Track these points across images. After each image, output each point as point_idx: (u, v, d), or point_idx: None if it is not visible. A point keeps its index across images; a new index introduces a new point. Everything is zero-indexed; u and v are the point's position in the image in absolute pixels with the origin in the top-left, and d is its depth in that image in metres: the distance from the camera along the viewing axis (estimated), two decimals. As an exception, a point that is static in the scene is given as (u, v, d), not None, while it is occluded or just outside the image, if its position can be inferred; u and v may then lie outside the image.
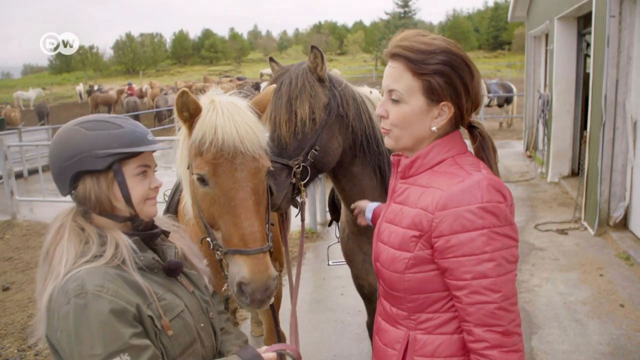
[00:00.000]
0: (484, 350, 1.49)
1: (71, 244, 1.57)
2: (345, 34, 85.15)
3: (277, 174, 2.39)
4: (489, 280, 1.46)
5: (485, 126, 3.89)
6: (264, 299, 1.93)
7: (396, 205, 1.71)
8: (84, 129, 1.63)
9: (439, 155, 1.64)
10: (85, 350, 1.42)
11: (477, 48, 65.23)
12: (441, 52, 1.58)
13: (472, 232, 1.46)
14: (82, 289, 1.46)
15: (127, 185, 1.65)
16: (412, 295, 1.62)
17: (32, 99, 38.86)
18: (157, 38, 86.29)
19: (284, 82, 2.52)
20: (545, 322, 4.65)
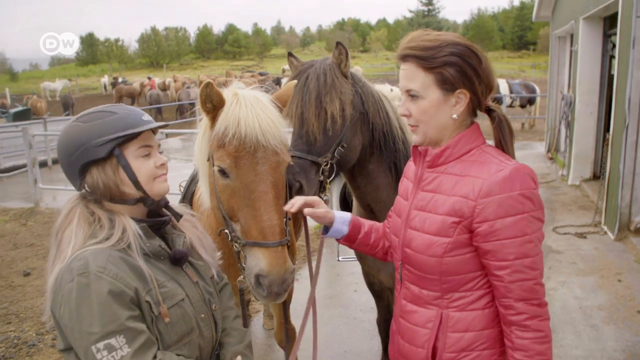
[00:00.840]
0: (525, 321, 1.65)
1: (80, 227, 1.63)
2: (368, 31, 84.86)
3: (307, 170, 2.38)
4: (529, 260, 1.62)
5: None
6: (280, 291, 1.95)
7: (426, 193, 1.80)
8: (81, 123, 1.69)
9: (467, 145, 1.77)
10: (84, 328, 1.48)
11: (501, 48, 64.40)
12: (447, 45, 1.70)
13: (514, 216, 1.61)
14: (85, 269, 1.51)
15: (132, 168, 1.69)
16: (448, 277, 1.74)
17: (59, 90, 39.53)
18: (181, 32, 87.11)
19: (310, 77, 2.50)
20: (559, 326, 4.59)
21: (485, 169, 1.68)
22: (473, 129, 1.80)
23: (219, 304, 1.94)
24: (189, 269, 1.83)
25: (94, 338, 1.47)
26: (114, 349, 1.48)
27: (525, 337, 1.67)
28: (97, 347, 1.47)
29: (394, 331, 2.02)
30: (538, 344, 1.66)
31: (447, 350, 1.77)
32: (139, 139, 1.71)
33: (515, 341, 1.68)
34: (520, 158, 9.47)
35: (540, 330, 1.67)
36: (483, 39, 60.98)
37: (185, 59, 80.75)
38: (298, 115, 2.46)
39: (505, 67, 50.67)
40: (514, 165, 1.66)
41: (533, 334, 1.66)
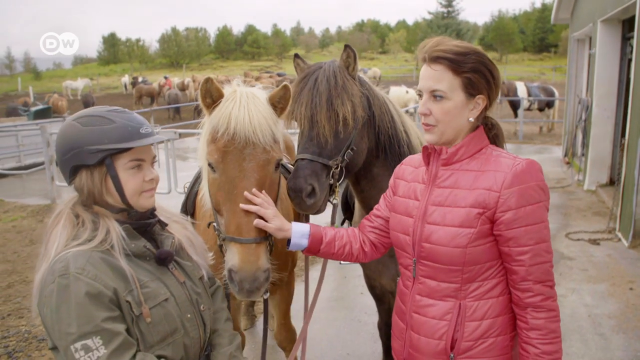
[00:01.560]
0: (541, 302, 1.81)
1: (65, 229, 1.67)
2: (387, 32, 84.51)
3: (319, 174, 2.37)
4: (546, 244, 1.81)
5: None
6: (252, 289, 1.95)
7: (443, 190, 1.92)
8: (79, 124, 1.71)
9: (478, 144, 1.93)
10: (63, 328, 1.52)
11: (522, 50, 63.66)
12: (473, 53, 1.87)
13: (533, 205, 1.78)
14: (66, 270, 1.55)
15: (120, 179, 1.71)
16: (469, 266, 1.86)
17: (80, 89, 40.16)
18: (201, 32, 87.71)
19: (320, 79, 2.49)
20: (567, 333, 4.53)
21: (503, 164, 1.84)
22: (480, 130, 1.96)
23: (208, 304, 1.95)
24: (176, 269, 1.85)
25: (71, 338, 1.51)
26: (90, 350, 1.51)
27: (540, 317, 1.81)
28: (75, 347, 1.51)
29: (402, 329, 2.05)
30: (551, 323, 1.82)
31: (465, 339, 1.88)
32: (132, 151, 1.73)
33: (530, 322, 1.82)
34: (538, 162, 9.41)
35: (552, 309, 1.83)
36: (503, 41, 60.33)
37: (204, 59, 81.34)
38: (308, 117, 2.44)
39: (526, 69, 50.16)
40: (528, 160, 1.84)
41: (546, 314, 1.81)
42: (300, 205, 2.34)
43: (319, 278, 2.79)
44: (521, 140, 16.70)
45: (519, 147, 15.59)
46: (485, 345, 1.88)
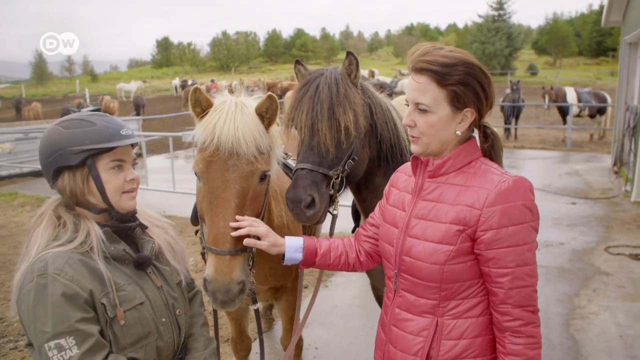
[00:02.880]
0: (520, 327, 1.73)
1: (46, 229, 1.72)
2: (437, 36, 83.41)
3: (319, 184, 2.32)
4: (529, 267, 1.72)
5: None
6: (225, 300, 1.94)
7: (427, 203, 1.85)
8: (62, 128, 1.77)
9: (467, 157, 1.84)
10: (38, 327, 1.56)
11: (577, 54, 61.40)
12: (462, 64, 1.75)
13: (516, 225, 1.69)
14: (44, 270, 1.60)
15: (102, 179, 1.76)
16: (447, 284, 1.78)
17: (133, 91, 41.53)
18: (251, 36, 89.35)
19: (321, 87, 2.44)
20: (594, 354, 4.32)
21: (489, 180, 1.75)
22: (472, 142, 1.88)
23: (185, 309, 1.97)
24: (154, 273, 1.88)
25: (45, 337, 1.55)
26: (64, 349, 1.55)
27: (518, 342, 1.73)
28: (49, 346, 1.55)
29: (383, 340, 2.01)
30: (530, 350, 1.73)
31: (440, 357, 1.81)
32: (112, 152, 1.78)
33: (508, 346, 1.75)
34: (585, 171, 9.06)
35: (532, 336, 1.74)
36: (557, 45, 58.38)
37: (253, 62, 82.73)
38: (308, 125, 2.40)
39: (580, 74, 48.39)
40: (515, 177, 1.75)
41: (525, 340, 1.73)
42: (299, 216, 2.30)
43: (314, 287, 2.77)
44: (569, 147, 16.11)
45: (566, 154, 15.06)
46: None
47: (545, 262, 6.44)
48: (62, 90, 57.63)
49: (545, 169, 12.88)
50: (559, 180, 11.37)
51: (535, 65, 54.38)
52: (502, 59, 52.45)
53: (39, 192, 11.20)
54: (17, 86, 62.76)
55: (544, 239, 7.27)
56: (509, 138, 18.13)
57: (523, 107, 18.81)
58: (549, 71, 52.33)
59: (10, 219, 9.47)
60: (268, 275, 2.73)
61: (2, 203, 10.53)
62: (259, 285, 2.82)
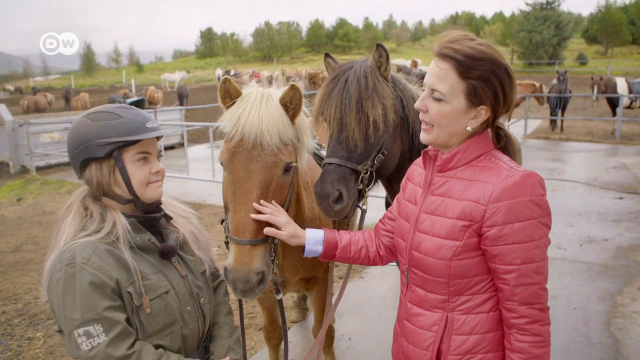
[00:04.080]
0: (525, 325, 1.70)
1: (74, 220, 1.79)
2: (482, 25, 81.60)
3: (347, 179, 2.32)
4: (535, 265, 1.67)
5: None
6: (245, 289, 1.96)
7: (436, 197, 1.83)
8: (89, 120, 1.83)
9: (477, 150, 1.80)
10: (67, 314, 1.63)
11: (630, 43, 58.77)
12: (488, 60, 1.70)
13: (523, 222, 1.64)
14: (72, 260, 1.66)
15: (127, 171, 1.81)
16: (455, 280, 1.77)
17: (177, 81, 42.35)
18: (293, 26, 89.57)
19: (350, 80, 2.42)
20: (635, 354, 4.17)
21: (496, 175, 1.71)
22: (483, 136, 1.83)
23: (209, 298, 2.01)
24: (179, 263, 1.93)
25: (74, 324, 1.62)
26: (92, 336, 1.62)
27: (524, 340, 1.71)
28: (78, 332, 1.62)
29: (398, 333, 2.03)
30: (536, 348, 1.71)
31: (451, 352, 1.80)
32: (138, 144, 1.83)
33: (513, 343, 1.73)
34: (634, 165, 8.75)
35: (539, 334, 1.71)
36: (609, 33, 55.97)
37: (296, 52, 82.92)
38: (337, 119, 2.39)
39: (634, 64, 46.35)
40: (524, 172, 1.69)
41: (531, 338, 1.70)
42: (327, 211, 2.30)
43: (343, 279, 2.79)
44: (618, 140, 15.51)
45: (615, 147, 14.51)
46: None
47: (587, 258, 6.25)
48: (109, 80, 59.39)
49: (592, 162, 12.46)
50: (606, 174, 10.98)
51: (585, 54, 52.45)
52: (549, 49, 50.78)
53: (86, 179, 11.63)
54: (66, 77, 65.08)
55: (586, 235, 7.06)
56: (554, 130, 17.61)
57: (570, 98, 18.21)
58: (599, 61, 50.35)
59: (57, 205, 9.86)
60: (299, 266, 2.76)
61: (51, 191, 10.98)
62: (290, 276, 2.85)
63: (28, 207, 9.94)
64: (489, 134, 1.85)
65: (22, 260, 6.86)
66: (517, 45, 53.54)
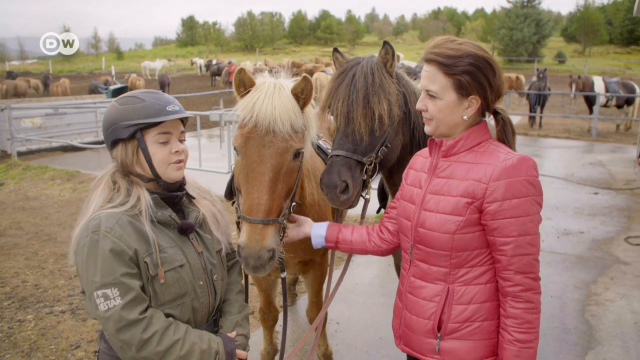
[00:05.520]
0: (520, 292, 1.90)
1: (103, 192, 1.94)
2: (464, 21, 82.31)
3: (353, 170, 2.44)
4: (530, 237, 1.88)
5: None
6: (256, 265, 2.10)
7: (441, 179, 2.05)
8: (118, 104, 1.97)
9: (477, 138, 2.03)
10: (89, 276, 1.78)
11: (607, 42, 59.86)
12: (468, 56, 1.94)
13: (519, 198, 1.86)
14: (97, 228, 1.81)
15: (149, 151, 1.94)
16: (457, 252, 1.97)
17: (158, 69, 41.92)
18: (276, 17, 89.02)
19: (357, 76, 2.53)
20: (607, 339, 4.41)
21: (496, 157, 1.94)
22: (482, 125, 2.06)
23: (222, 275, 2.14)
24: (196, 240, 2.05)
25: (95, 286, 1.77)
26: (109, 298, 1.76)
27: (517, 307, 1.91)
28: (97, 294, 1.77)
29: (400, 308, 2.21)
30: (528, 314, 1.91)
31: (451, 321, 2.01)
32: (160, 126, 1.95)
33: (508, 310, 1.93)
34: (609, 161, 9.02)
35: (531, 301, 1.91)
36: (587, 33, 56.87)
37: (278, 43, 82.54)
38: (344, 113, 2.50)
39: (610, 63, 47.36)
40: (520, 156, 1.93)
41: (525, 305, 1.90)
42: (333, 200, 2.44)
43: (343, 267, 2.94)
44: (594, 137, 15.95)
45: (591, 144, 14.93)
46: (471, 329, 1.99)
47: (564, 249, 6.51)
48: (88, 67, 58.36)
49: (569, 159, 12.83)
50: (582, 170, 11.33)
51: (564, 53, 53.25)
52: (529, 46, 51.48)
53: (68, 166, 11.55)
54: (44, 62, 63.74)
55: (563, 228, 7.33)
56: (533, 126, 17.98)
57: (549, 96, 18.61)
58: (577, 59, 51.27)
59: (41, 191, 9.81)
60: (299, 248, 2.88)
61: (33, 176, 10.89)
62: (289, 258, 2.97)
63: (10, 193, 9.86)
64: (487, 125, 2.07)
65: (7, 244, 6.85)
66: (498, 42, 54.12)
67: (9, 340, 4.39)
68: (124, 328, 1.76)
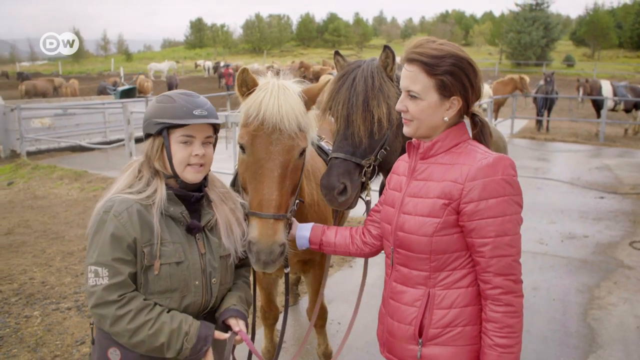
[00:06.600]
0: (499, 295, 1.85)
1: (127, 177, 2.07)
2: (472, 24, 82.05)
3: (352, 172, 2.48)
4: (509, 238, 1.84)
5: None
6: (268, 261, 2.15)
7: (419, 182, 2.02)
8: (155, 101, 2.08)
9: (455, 139, 2.00)
10: (90, 251, 1.91)
11: (617, 46, 59.52)
12: (450, 56, 1.92)
13: (496, 198, 1.83)
14: (109, 209, 1.94)
15: (171, 150, 2.03)
16: (437, 255, 1.94)
17: (164, 71, 42.11)
18: (284, 19, 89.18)
19: (357, 79, 2.56)
20: (609, 343, 4.41)
21: (472, 157, 1.91)
22: (460, 126, 2.04)
23: (222, 280, 2.17)
24: (202, 241, 2.10)
25: (90, 261, 1.90)
26: (98, 276, 1.89)
27: (497, 310, 1.86)
28: (90, 269, 1.90)
29: (383, 314, 2.19)
30: (509, 318, 1.86)
31: (432, 326, 1.96)
32: (185, 128, 2.03)
33: (488, 313, 1.89)
34: (616, 166, 9.00)
35: (511, 305, 1.86)
36: (597, 36, 56.57)
37: (286, 46, 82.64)
38: (344, 116, 2.54)
39: (620, 67, 47.06)
40: (497, 155, 1.89)
41: (505, 308, 1.86)
42: (332, 202, 2.48)
43: (363, 271, 3.05)
44: (602, 142, 15.88)
45: (598, 149, 14.86)
46: (453, 334, 1.94)
47: (568, 253, 6.51)
48: (98, 68, 58.76)
49: (576, 163, 12.79)
50: (589, 174, 11.29)
51: (572, 56, 53.01)
52: (537, 50, 51.24)
53: (77, 166, 11.67)
54: (54, 63, 64.29)
55: (568, 231, 7.32)
56: (540, 130, 17.94)
57: (556, 100, 18.55)
58: (586, 63, 50.98)
59: (49, 190, 9.93)
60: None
61: (42, 176, 11.01)
62: (289, 257, 3.01)
63: (19, 192, 9.98)
64: (465, 125, 2.06)
65: (15, 242, 6.94)
66: (506, 46, 53.92)
67: (15, 335, 4.46)
68: (101, 305, 1.88)
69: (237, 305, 2.16)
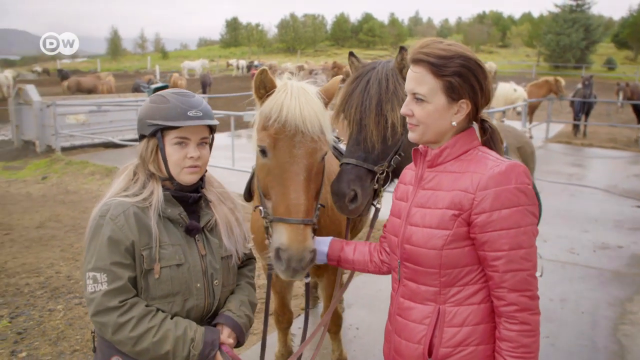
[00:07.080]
0: (514, 312, 1.73)
1: (122, 180, 2.03)
2: (509, 25, 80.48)
3: (363, 179, 2.38)
4: (524, 251, 1.72)
5: None
6: (298, 268, 2.06)
7: (426, 191, 1.90)
8: (150, 102, 2.03)
9: (464, 146, 1.88)
10: (87, 257, 1.88)
11: (661, 49, 57.50)
12: (458, 57, 1.81)
13: (509, 208, 1.71)
14: (105, 213, 1.90)
15: (166, 152, 1.98)
16: (446, 270, 1.82)
17: (197, 69, 42.65)
18: (318, 19, 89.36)
19: (372, 82, 2.48)
20: None
21: (483, 165, 1.79)
22: (469, 132, 1.91)
23: (224, 281, 2.12)
24: (202, 242, 2.05)
25: (88, 267, 1.86)
26: (97, 282, 1.84)
27: (512, 329, 1.74)
28: (89, 275, 1.85)
29: (390, 330, 2.06)
30: (524, 337, 1.74)
31: (443, 345, 1.83)
32: (179, 130, 1.97)
33: (502, 332, 1.77)
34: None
35: (527, 323, 1.74)
36: (638, 39, 54.85)
37: (320, 45, 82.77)
38: (357, 120, 2.45)
39: (663, 71, 45.38)
40: (510, 162, 1.77)
41: (520, 327, 1.74)
42: (342, 209, 2.40)
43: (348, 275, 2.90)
44: (642, 148, 15.33)
45: (637, 155, 14.34)
46: (464, 353, 1.81)
47: (600, 264, 6.27)
48: (135, 66, 60.05)
49: (613, 170, 12.37)
50: (627, 181, 10.90)
51: (614, 59, 51.34)
52: (577, 52, 49.89)
53: (108, 162, 11.88)
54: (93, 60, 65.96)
55: (601, 241, 7.06)
56: (577, 135, 17.43)
57: (594, 104, 17.99)
58: (628, 67, 49.33)
59: (80, 186, 10.14)
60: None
61: (75, 171, 11.26)
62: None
63: (52, 186, 10.22)
64: (475, 131, 1.93)
65: (46, 236, 7.10)
66: (544, 48, 52.71)
67: (38, 328, 4.54)
68: (102, 312, 1.83)
69: (232, 312, 2.11)
